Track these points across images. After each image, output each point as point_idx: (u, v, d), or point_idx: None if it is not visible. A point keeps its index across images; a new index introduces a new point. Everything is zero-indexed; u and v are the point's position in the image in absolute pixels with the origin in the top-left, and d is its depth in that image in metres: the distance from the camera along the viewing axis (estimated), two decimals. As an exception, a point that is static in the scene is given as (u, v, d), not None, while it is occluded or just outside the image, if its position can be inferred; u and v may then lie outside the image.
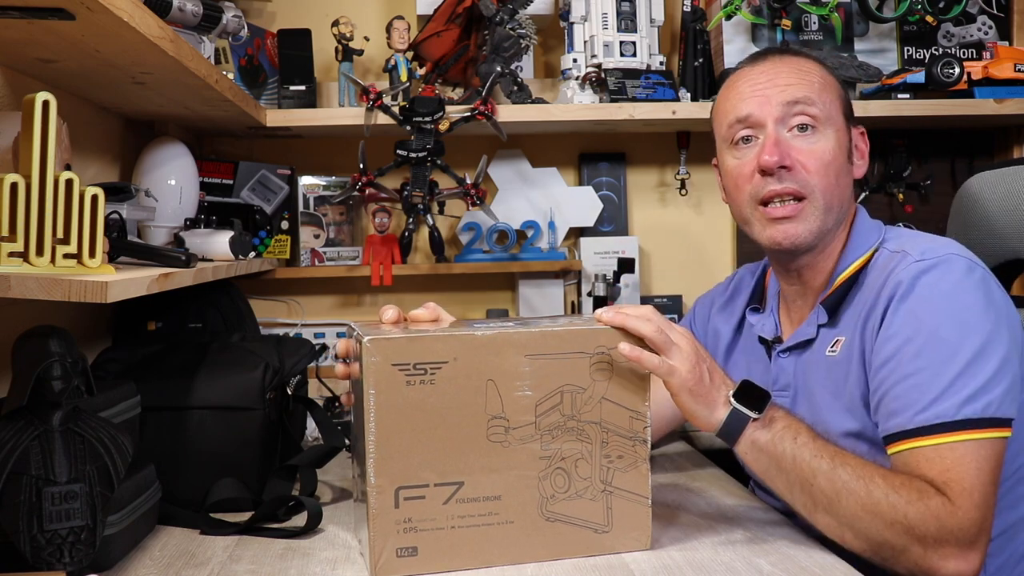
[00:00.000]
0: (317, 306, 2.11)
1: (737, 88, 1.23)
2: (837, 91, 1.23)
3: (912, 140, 2.14)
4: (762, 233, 1.21)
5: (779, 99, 1.18)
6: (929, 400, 1.04)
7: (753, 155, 1.20)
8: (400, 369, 0.97)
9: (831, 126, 1.19)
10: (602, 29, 1.93)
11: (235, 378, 1.27)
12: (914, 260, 1.11)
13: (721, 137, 1.26)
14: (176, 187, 1.58)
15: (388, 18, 1.93)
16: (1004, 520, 1.13)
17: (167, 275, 1.14)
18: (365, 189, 1.92)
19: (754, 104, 1.20)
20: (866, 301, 1.15)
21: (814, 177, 1.17)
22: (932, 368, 1.05)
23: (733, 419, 1.06)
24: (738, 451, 1.08)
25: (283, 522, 1.20)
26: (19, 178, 0.89)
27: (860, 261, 1.20)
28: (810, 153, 1.17)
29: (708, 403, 1.06)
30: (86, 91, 1.42)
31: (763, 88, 1.20)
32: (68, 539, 0.92)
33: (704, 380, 1.05)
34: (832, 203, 1.19)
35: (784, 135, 1.19)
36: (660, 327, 1.05)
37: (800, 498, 1.06)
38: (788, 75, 1.20)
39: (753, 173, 1.19)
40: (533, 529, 1.02)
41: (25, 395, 0.91)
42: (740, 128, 1.21)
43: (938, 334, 1.06)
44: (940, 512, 1.00)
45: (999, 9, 2.09)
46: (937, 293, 1.09)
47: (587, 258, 2.08)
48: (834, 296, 1.20)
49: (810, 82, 1.20)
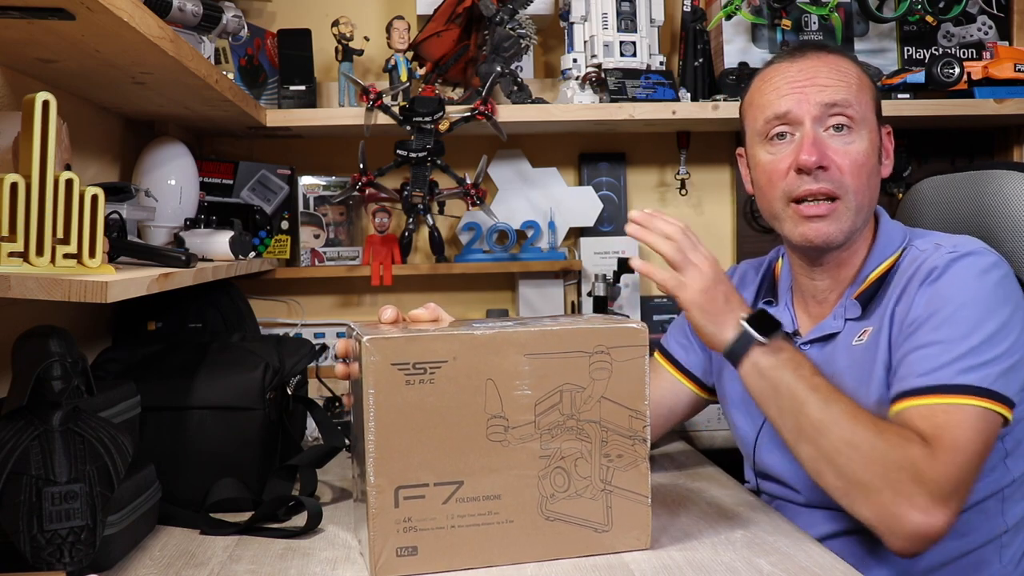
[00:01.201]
0: (317, 306, 2.11)
1: (774, 83, 1.23)
2: (872, 91, 1.24)
3: (912, 140, 2.14)
4: (793, 230, 1.22)
5: (818, 99, 1.19)
6: (933, 367, 1.08)
7: (788, 152, 1.21)
8: (400, 369, 0.97)
9: (866, 127, 1.21)
10: (602, 29, 1.93)
11: (235, 378, 1.27)
12: (948, 251, 1.16)
13: (754, 131, 1.26)
14: (176, 187, 1.58)
15: (388, 18, 1.93)
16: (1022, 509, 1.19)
17: (167, 275, 1.14)
18: (365, 189, 1.92)
19: (792, 101, 1.20)
20: (896, 291, 1.19)
21: (848, 178, 1.19)
22: (945, 343, 1.09)
23: (740, 340, 1.12)
24: (740, 372, 1.13)
25: (283, 522, 1.19)
26: (19, 178, 0.90)
27: (892, 259, 1.23)
28: (845, 154, 1.19)
29: (719, 322, 1.13)
30: (86, 91, 1.42)
31: (802, 86, 1.20)
32: (68, 539, 0.92)
33: (718, 300, 1.11)
34: (863, 203, 1.21)
35: (821, 134, 1.20)
36: (681, 247, 1.12)
37: (788, 424, 1.10)
38: (828, 75, 1.21)
39: (788, 170, 1.20)
40: (533, 528, 1.02)
41: (25, 395, 0.91)
42: (777, 124, 1.22)
43: (958, 313, 1.10)
44: (919, 460, 1.02)
45: (999, 9, 2.09)
46: (964, 278, 1.13)
47: (587, 258, 2.08)
48: (867, 291, 1.23)
49: (848, 84, 1.21)
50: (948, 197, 1.51)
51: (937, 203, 1.53)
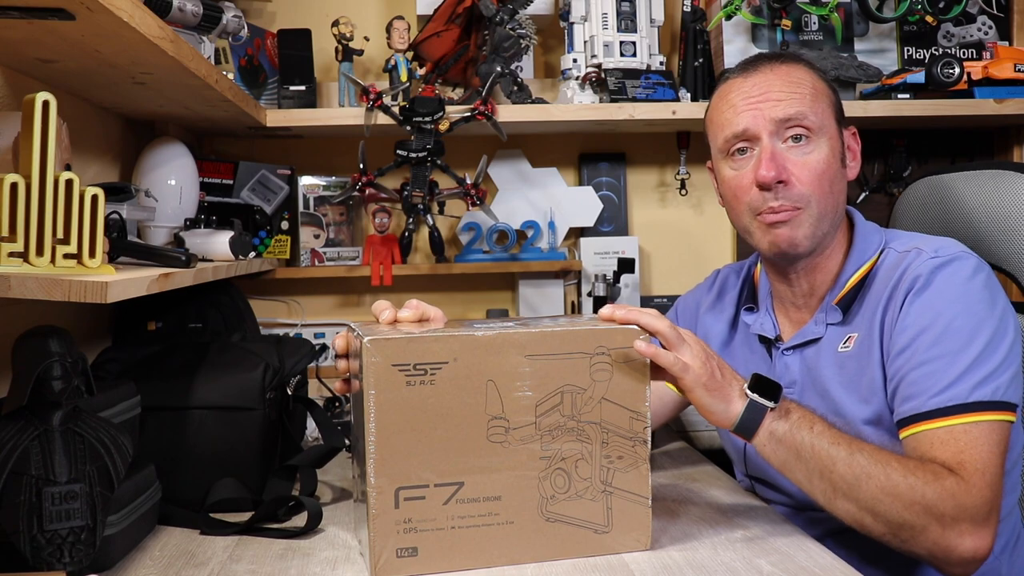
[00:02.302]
0: (317, 306, 2.11)
1: (730, 100, 1.24)
2: (828, 97, 1.24)
3: (912, 140, 2.14)
4: (763, 240, 1.24)
5: (772, 115, 1.20)
6: (943, 385, 1.09)
7: (750, 167, 1.22)
8: (400, 369, 0.97)
9: (824, 135, 1.21)
10: (602, 29, 1.93)
11: (235, 378, 1.27)
12: (929, 256, 1.16)
13: (717, 147, 1.28)
14: (176, 187, 1.58)
15: (388, 18, 1.93)
16: (1007, 503, 1.19)
17: (167, 275, 1.14)
18: (365, 189, 1.92)
19: (748, 119, 1.21)
20: (880, 297, 1.19)
21: (808, 188, 1.19)
22: (947, 356, 1.10)
23: (751, 411, 1.07)
24: (756, 443, 1.09)
25: (283, 522, 1.19)
26: (19, 178, 0.90)
27: (870, 263, 1.24)
28: (804, 165, 1.20)
29: (723, 397, 1.08)
30: (86, 91, 1.42)
31: (757, 102, 1.21)
32: (68, 539, 0.92)
33: (716, 375, 1.07)
34: (826, 210, 1.21)
35: (779, 147, 1.20)
36: (670, 324, 1.07)
37: (820, 486, 1.07)
38: (780, 88, 1.21)
39: (751, 185, 1.21)
40: (533, 529, 1.02)
41: (25, 395, 0.91)
42: (736, 142, 1.23)
43: (953, 325, 1.11)
44: (955, 491, 1.03)
45: (999, 9, 2.09)
46: (952, 287, 1.13)
47: (587, 258, 2.08)
48: (847, 296, 1.23)
49: (802, 95, 1.21)
50: (943, 197, 1.52)
51: (933, 203, 1.54)
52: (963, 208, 1.47)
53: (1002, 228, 1.41)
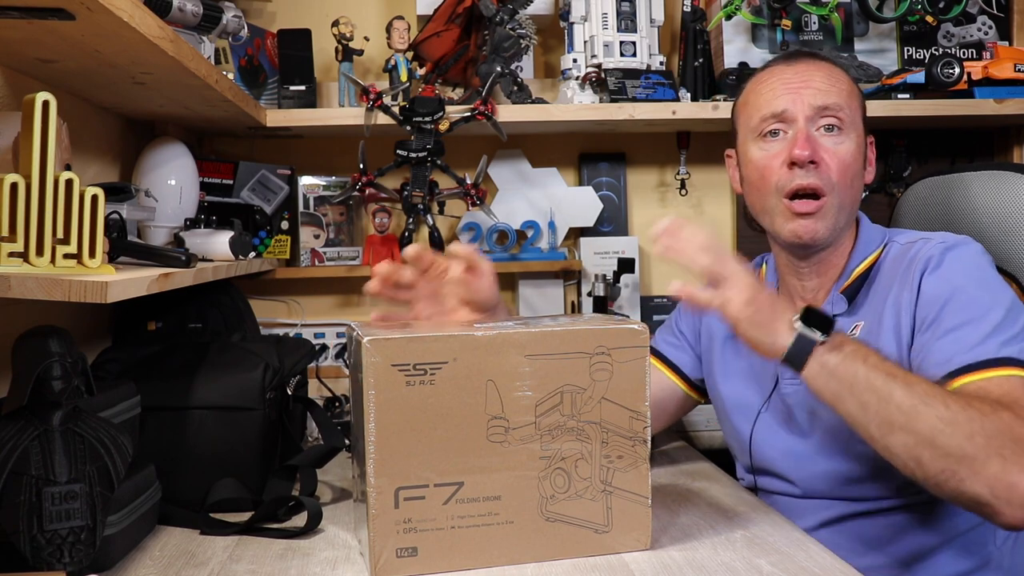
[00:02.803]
0: (317, 306, 2.11)
1: (770, 84, 1.28)
2: (860, 100, 1.31)
3: (912, 140, 2.14)
4: (784, 226, 1.26)
5: (812, 101, 1.25)
6: (971, 345, 1.10)
7: (782, 147, 1.25)
8: (400, 369, 0.97)
9: (854, 131, 1.26)
10: (602, 29, 1.93)
11: (235, 378, 1.27)
12: (938, 242, 1.21)
13: (748, 128, 1.30)
14: (176, 187, 1.58)
15: (388, 18, 1.93)
16: None
17: (167, 275, 1.14)
18: (365, 189, 1.92)
19: (788, 101, 1.25)
20: (889, 284, 1.23)
21: (836, 175, 1.23)
22: (970, 324, 1.12)
23: (799, 344, 1.06)
24: (806, 376, 1.07)
25: (283, 522, 1.19)
26: (19, 178, 0.90)
27: (874, 256, 1.28)
28: (835, 153, 1.24)
29: (770, 330, 1.07)
30: (86, 91, 1.42)
31: (797, 87, 1.26)
32: (68, 539, 0.92)
33: (764, 308, 1.07)
34: (846, 202, 1.25)
35: (813, 133, 1.25)
36: (714, 259, 1.08)
37: (875, 419, 1.04)
38: (822, 79, 1.26)
39: (782, 165, 1.24)
40: (533, 529, 1.02)
41: (25, 395, 0.91)
42: (772, 122, 1.26)
43: (971, 295, 1.14)
44: (1014, 424, 1.00)
45: (999, 9, 2.09)
46: (964, 263, 1.18)
47: (587, 258, 2.08)
48: (853, 286, 1.27)
49: (840, 89, 1.26)
50: (944, 198, 1.52)
51: (934, 204, 1.55)
52: (964, 209, 1.48)
53: (1002, 228, 1.41)
